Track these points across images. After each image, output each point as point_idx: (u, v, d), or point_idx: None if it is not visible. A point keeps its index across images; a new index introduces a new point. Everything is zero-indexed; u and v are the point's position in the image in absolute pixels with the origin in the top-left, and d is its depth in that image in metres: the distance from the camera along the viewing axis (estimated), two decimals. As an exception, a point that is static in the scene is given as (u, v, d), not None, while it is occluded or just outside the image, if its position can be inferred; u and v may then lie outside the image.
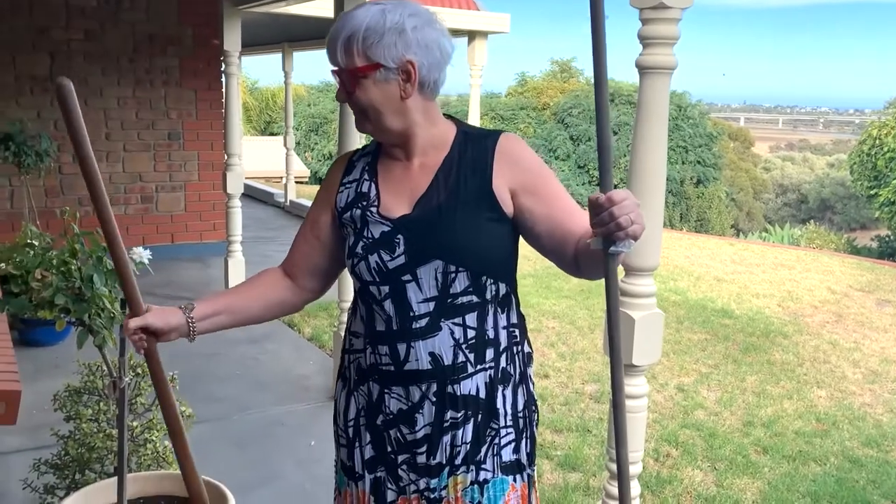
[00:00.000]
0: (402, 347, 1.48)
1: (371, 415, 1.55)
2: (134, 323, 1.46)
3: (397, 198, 1.50)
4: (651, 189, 2.16)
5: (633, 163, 2.18)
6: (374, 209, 1.51)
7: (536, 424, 1.63)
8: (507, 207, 1.48)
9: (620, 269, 2.25)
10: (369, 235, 1.49)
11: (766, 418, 4.15)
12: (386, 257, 1.47)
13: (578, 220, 1.47)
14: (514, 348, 1.55)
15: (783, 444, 3.81)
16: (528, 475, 1.59)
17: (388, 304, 1.48)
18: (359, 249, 1.50)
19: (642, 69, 2.13)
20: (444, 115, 1.55)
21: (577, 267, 1.46)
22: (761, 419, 4.13)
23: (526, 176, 1.49)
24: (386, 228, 1.48)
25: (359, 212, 1.52)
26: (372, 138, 1.57)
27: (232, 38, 5.72)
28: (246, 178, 6.27)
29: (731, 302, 6.70)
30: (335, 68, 1.45)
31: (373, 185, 1.53)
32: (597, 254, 1.32)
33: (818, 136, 70.54)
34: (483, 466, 1.52)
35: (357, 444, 1.58)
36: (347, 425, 1.60)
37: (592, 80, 1.27)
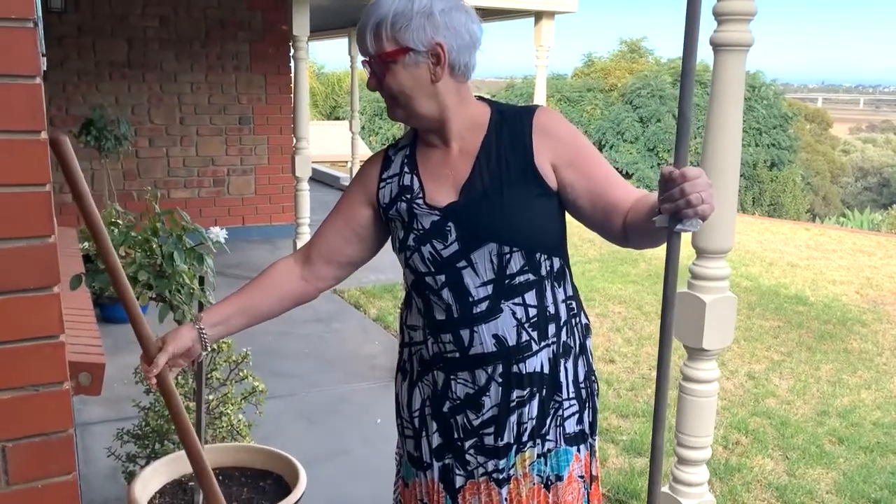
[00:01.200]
0: (465, 333, 1.49)
1: (437, 403, 1.56)
2: (161, 359, 1.41)
3: (441, 186, 1.50)
4: (724, 170, 2.11)
5: (707, 144, 2.13)
6: (419, 200, 1.51)
7: (597, 394, 1.63)
8: (552, 182, 1.48)
9: (692, 252, 2.22)
10: (419, 227, 1.50)
11: (842, 408, 4.01)
12: (439, 246, 1.48)
13: (620, 192, 1.46)
14: (573, 321, 1.56)
15: (860, 435, 3.68)
16: (591, 444, 1.61)
17: (445, 293, 1.48)
18: (410, 242, 1.50)
19: (717, 46, 2.08)
20: (475, 96, 1.54)
21: (626, 238, 1.46)
22: (837, 409, 4.00)
23: (566, 149, 1.48)
24: (435, 218, 1.49)
25: (404, 205, 1.52)
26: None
27: (300, 23, 5.80)
28: (312, 161, 6.36)
29: (805, 288, 6.49)
30: (365, 58, 1.46)
31: (415, 178, 1.53)
32: (656, 231, 1.30)
33: (903, 116, 67.09)
34: (548, 438, 1.54)
35: (424, 433, 1.59)
36: (413, 416, 1.61)
37: (681, 52, 1.22)
